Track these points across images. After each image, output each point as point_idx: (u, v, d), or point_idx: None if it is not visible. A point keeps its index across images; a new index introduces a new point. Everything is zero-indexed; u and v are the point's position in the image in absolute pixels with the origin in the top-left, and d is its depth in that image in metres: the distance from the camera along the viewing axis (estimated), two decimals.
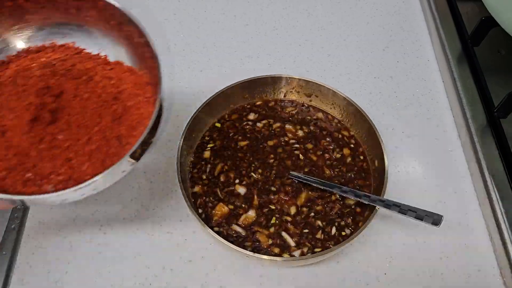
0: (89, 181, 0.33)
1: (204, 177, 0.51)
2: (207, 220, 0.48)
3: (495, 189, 0.51)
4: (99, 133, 0.38)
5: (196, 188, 0.51)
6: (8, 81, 0.39)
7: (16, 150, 0.36)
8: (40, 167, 0.36)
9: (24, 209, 0.50)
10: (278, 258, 0.43)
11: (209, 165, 0.52)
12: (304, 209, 0.49)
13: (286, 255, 0.46)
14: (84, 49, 0.43)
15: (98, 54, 0.43)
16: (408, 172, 0.56)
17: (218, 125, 0.56)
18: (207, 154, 0.53)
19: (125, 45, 0.43)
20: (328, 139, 0.55)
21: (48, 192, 0.35)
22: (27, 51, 0.42)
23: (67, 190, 0.33)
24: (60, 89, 0.39)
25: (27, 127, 0.36)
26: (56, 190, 0.34)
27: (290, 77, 0.56)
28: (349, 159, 0.53)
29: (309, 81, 0.56)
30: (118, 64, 0.43)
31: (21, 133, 0.36)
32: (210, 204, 0.49)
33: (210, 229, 0.43)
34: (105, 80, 0.41)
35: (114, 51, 0.43)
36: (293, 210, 0.49)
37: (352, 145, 0.54)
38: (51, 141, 0.37)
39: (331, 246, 0.46)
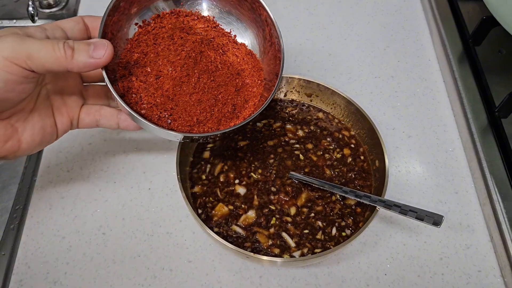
0: (211, 133, 0.43)
1: (204, 177, 0.51)
2: (207, 220, 0.48)
3: (496, 189, 0.51)
4: (223, 98, 0.46)
5: (196, 188, 0.50)
6: (165, 35, 0.46)
7: (163, 93, 0.43)
8: (175, 111, 0.43)
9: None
10: (278, 259, 0.43)
11: (209, 165, 0.52)
12: (304, 209, 0.49)
13: (286, 256, 0.45)
14: (219, 24, 0.50)
15: (229, 32, 0.50)
16: (408, 172, 0.56)
17: None
18: (206, 154, 0.53)
19: (254, 34, 0.50)
20: (328, 139, 0.55)
21: (175, 130, 0.43)
22: (178, 12, 0.48)
23: (186, 133, 0.42)
24: (205, 55, 0.46)
25: (178, 80, 0.44)
26: (179, 131, 0.43)
27: (290, 77, 0.56)
28: (349, 159, 0.53)
29: (309, 80, 0.56)
30: (243, 46, 0.50)
31: (172, 82, 0.43)
32: (210, 205, 0.49)
33: (209, 230, 0.43)
34: (233, 57, 0.49)
35: (242, 35, 0.50)
36: (293, 210, 0.49)
37: (352, 145, 0.54)
38: (190, 94, 0.44)
39: (331, 246, 0.46)
